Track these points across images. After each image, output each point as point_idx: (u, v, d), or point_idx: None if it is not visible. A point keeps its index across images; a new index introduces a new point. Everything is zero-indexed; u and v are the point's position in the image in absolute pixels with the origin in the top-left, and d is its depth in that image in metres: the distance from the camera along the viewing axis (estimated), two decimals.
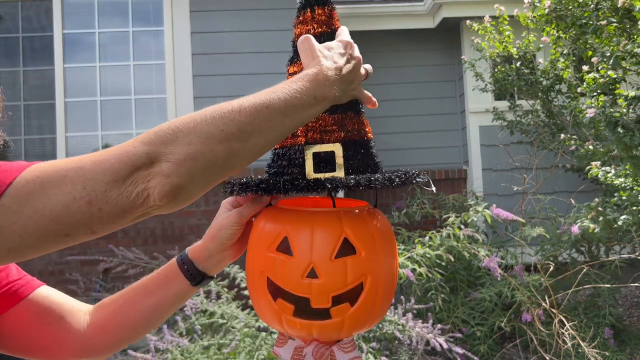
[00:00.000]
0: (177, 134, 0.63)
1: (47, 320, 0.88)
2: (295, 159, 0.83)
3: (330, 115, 0.83)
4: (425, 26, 5.95)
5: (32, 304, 0.90)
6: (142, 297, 0.91)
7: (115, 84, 4.98)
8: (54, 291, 0.95)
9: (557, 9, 3.59)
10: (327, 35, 0.86)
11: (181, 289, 0.90)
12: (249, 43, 4.92)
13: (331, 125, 0.83)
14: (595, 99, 3.15)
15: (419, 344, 2.93)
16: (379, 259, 0.82)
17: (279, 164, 0.85)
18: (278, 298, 0.81)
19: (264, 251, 0.83)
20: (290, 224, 0.82)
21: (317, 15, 0.87)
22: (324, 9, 0.87)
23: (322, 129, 0.83)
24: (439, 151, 6.15)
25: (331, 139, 0.82)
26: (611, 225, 3.46)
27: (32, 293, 0.91)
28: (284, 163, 0.84)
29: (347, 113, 0.85)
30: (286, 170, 0.84)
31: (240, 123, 0.66)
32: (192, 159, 0.63)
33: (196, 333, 2.91)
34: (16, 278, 0.92)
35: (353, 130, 0.85)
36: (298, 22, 0.89)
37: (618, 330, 3.66)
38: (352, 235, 0.80)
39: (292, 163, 0.83)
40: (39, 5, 4.94)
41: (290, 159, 0.84)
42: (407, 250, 3.40)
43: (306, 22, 0.87)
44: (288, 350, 0.87)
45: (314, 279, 0.78)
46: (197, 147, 0.63)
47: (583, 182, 5.14)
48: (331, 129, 0.83)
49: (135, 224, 4.66)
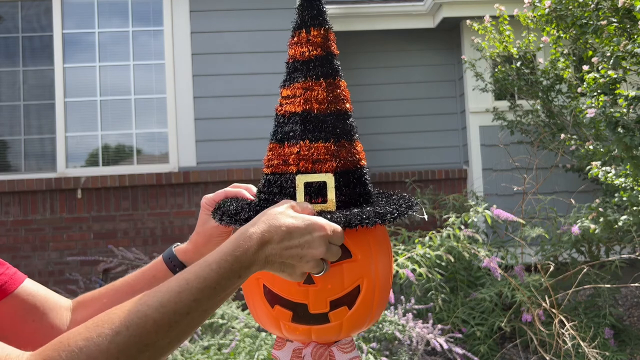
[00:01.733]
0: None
1: (30, 317, 0.87)
2: (287, 187, 0.81)
3: (323, 143, 0.81)
4: (425, 26, 5.95)
5: (17, 300, 0.88)
6: (128, 296, 0.88)
7: (115, 84, 4.98)
8: (37, 285, 0.93)
9: (557, 9, 3.58)
10: (322, 58, 0.83)
11: None
12: (249, 43, 4.91)
13: (324, 155, 0.80)
14: (596, 99, 3.15)
15: (419, 344, 2.93)
16: (375, 261, 0.82)
17: (269, 190, 0.83)
18: (275, 305, 0.81)
19: None
20: None
21: (313, 37, 0.83)
22: (319, 30, 0.83)
23: (315, 159, 0.80)
24: (439, 151, 6.15)
25: (323, 169, 0.80)
26: (611, 226, 3.45)
27: (17, 288, 0.89)
28: (275, 190, 0.82)
29: (340, 141, 0.82)
30: (276, 197, 0.82)
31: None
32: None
33: (196, 333, 2.91)
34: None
35: (346, 159, 0.82)
36: (292, 42, 0.85)
37: (618, 330, 3.66)
38: (348, 239, 0.79)
39: (283, 192, 0.81)
40: (38, 5, 4.93)
41: (281, 187, 0.82)
42: (407, 251, 3.40)
43: (301, 43, 0.84)
44: (287, 352, 0.87)
45: (311, 285, 0.78)
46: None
47: (583, 182, 5.14)
48: (324, 159, 0.80)
49: (135, 224, 4.67)
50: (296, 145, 0.81)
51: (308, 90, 0.82)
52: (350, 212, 0.77)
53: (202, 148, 4.80)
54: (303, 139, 0.81)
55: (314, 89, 0.82)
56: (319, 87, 0.82)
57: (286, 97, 0.84)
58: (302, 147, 0.80)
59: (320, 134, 0.81)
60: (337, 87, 0.84)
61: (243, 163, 4.75)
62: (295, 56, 0.84)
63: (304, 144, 0.81)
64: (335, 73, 0.84)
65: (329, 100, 0.82)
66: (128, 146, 4.95)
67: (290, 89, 0.84)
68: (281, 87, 0.86)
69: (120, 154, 4.96)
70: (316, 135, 0.81)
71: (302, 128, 0.81)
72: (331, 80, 0.83)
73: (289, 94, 0.84)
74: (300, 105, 0.82)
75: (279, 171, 0.82)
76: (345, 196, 0.81)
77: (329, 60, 0.83)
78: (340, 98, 0.84)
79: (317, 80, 0.82)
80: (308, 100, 0.82)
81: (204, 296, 0.66)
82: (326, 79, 0.83)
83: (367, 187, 0.85)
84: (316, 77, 0.82)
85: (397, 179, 5.84)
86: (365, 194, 0.84)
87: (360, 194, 0.83)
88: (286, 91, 0.85)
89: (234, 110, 4.84)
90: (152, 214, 4.68)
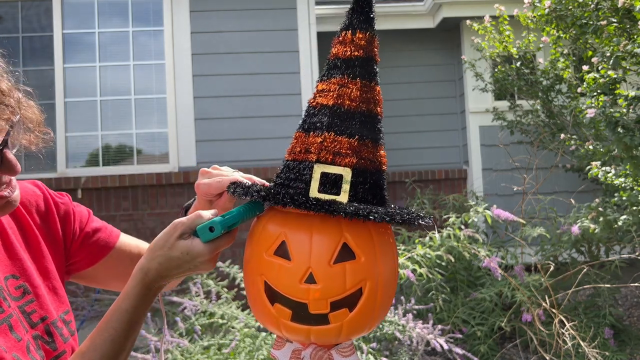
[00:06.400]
0: None
1: (132, 264, 0.95)
2: (304, 174, 0.82)
3: (347, 139, 0.82)
4: (425, 26, 5.95)
5: (120, 253, 1.07)
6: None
7: (115, 84, 4.98)
8: (128, 237, 1.12)
9: (557, 9, 3.58)
10: (362, 60, 0.85)
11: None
12: (249, 43, 4.91)
13: (346, 149, 0.81)
14: (596, 99, 3.15)
15: (419, 344, 2.93)
16: (379, 264, 0.81)
17: (287, 175, 0.85)
18: (276, 302, 0.81)
19: (261, 254, 0.82)
20: (289, 228, 0.81)
21: (357, 39, 0.85)
22: (365, 34, 0.85)
23: (336, 151, 0.81)
24: (439, 151, 6.15)
25: (342, 163, 0.81)
26: (611, 226, 3.46)
27: (118, 242, 1.08)
28: (292, 176, 0.84)
29: (365, 140, 0.83)
30: (292, 183, 0.83)
31: None
32: None
33: (196, 333, 2.90)
34: (99, 226, 1.07)
35: (367, 159, 0.83)
36: (337, 41, 0.87)
37: (618, 330, 3.66)
38: (352, 240, 0.79)
39: (300, 178, 0.82)
40: (38, 5, 4.93)
41: (299, 173, 0.83)
42: (408, 251, 3.40)
43: (345, 43, 0.86)
44: (286, 353, 0.87)
45: (312, 285, 0.78)
46: None
47: (583, 182, 5.14)
48: (345, 153, 0.81)
49: (135, 224, 4.67)
50: (321, 135, 0.82)
51: (343, 87, 0.83)
52: (360, 205, 0.78)
53: (202, 148, 4.80)
54: (328, 131, 0.82)
55: (349, 87, 0.83)
56: (354, 86, 0.83)
57: (321, 90, 0.86)
58: (327, 138, 0.82)
59: (347, 129, 0.82)
60: (372, 90, 0.85)
61: (243, 163, 4.75)
62: (337, 54, 0.86)
63: (329, 135, 0.82)
64: (372, 76, 0.85)
65: (361, 99, 0.83)
66: (128, 146, 4.95)
67: (326, 83, 0.85)
68: (318, 81, 0.88)
69: (120, 154, 4.97)
70: (342, 130, 0.82)
71: (330, 120, 0.82)
72: (367, 82, 0.84)
73: (324, 88, 0.85)
74: (332, 99, 0.83)
75: (300, 158, 0.83)
76: (360, 193, 0.82)
77: (368, 63, 0.85)
78: (373, 100, 0.85)
79: (354, 79, 0.83)
80: (341, 96, 0.83)
81: (130, 329, 0.84)
82: (362, 80, 0.84)
83: (383, 191, 0.86)
84: (353, 76, 0.84)
85: (397, 179, 5.84)
86: (380, 197, 0.85)
87: (375, 196, 0.84)
88: (322, 85, 0.86)
89: (234, 110, 4.84)
90: (152, 214, 4.68)
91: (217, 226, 0.81)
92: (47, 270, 0.97)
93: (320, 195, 0.79)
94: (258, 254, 0.83)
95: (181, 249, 0.82)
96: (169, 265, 0.82)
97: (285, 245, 0.80)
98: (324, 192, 0.80)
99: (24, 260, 0.93)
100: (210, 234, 0.81)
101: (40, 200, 1.01)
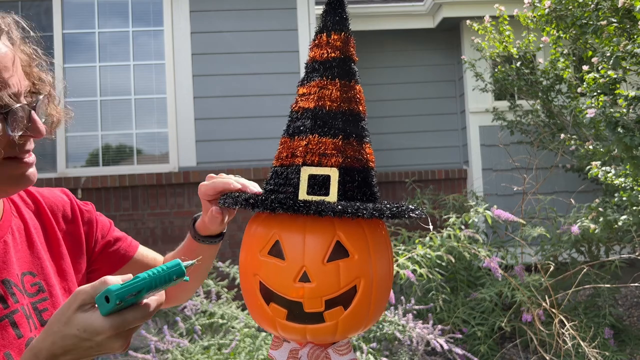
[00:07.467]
0: None
1: None
2: (292, 178, 0.83)
3: (331, 139, 0.83)
4: (425, 26, 5.95)
5: (138, 264, 1.11)
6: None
7: (115, 84, 4.98)
8: (147, 250, 1.16)
9: (557, 9, 3.58)
10: (339, 60, 0.85)
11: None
12: (249, 43, 4.91)
13: (331, 150, 0.82)
14: (595, 99, 3.15)
15: (419, 344, 2.93)
16: (373, 262, 0.82)
17: (275, 181, 0.86)
18: (271, 302, 0.82)
19: (255, 254, 0.83)
20: (282, 227, 0.82)
21: (333, 40, 0.86)
22: (340, 35, 0.87)
23: (321, 152, 0.82)
24: (439, 151, 6.15)
25: (329, 163, 0.82)
26: (611, 226, 3.46)
27: (135, 253, 1.12)
28: (280, 181, 0.85)
29: (349, 139, 0.84)
30: (281, 188, 0.84)
31: None
32: None
33: (196, 333, 2.91)
34: (120, 236, 1.11)
35: (353, 157, 0.84)
36: (313, 45, 0.89)
37: (618, 330, 3.66)
38: (345, 239, 0.80)
39: (288, 182, 0.83)
40: (39, 5, 4.93)
41: (287, 178, 0.84)
42: (408, 251, 3.40)
43: (321, 45, 0.87)
44: (283, 352, 0.87)
45: (306, 283, 0.78)
46: None
47: (583, 182, 5.14)
48: (330, 153, 0.82)
49: (135, 224, 4.67)
50: (305, 138, 0.83)
51: (322, 89, 0.84)
52: (348, 203, 0.78)
53: (202, 148, 4.80)
54: (312, 133, 0.83)
55: (329, 88, 0.84)
56: (334, 87, 0.84)
57: (302, 94, 0.87)
58: (311, 141, 0.83)
59: (330, 130, 0.83)
60: (352, 89, 0.86)
61: (243, 163, 4.75)
62: (314, 57, 0.87)
63: (313, 137, 0.83)
64: (351, 76, 0.86)
65: (342, 99, 0.84)
66: (128, 146, 4.95)
67: (307, 87, 0.87)
68: (298, 85, 0.89)
69: (120, 154, 4.97)
70: (325, 131, 0.83)
71: (313, 123, 0.83)
72: (346, 82, 0.85)
73: (304, 92, 0.87)
74: (313, 101, 0.84)
75: (287, 163, 0.85)
76: (349, 192, 0.82)
77: (346, 63, 0.86)
78: (354, 99, 0.86)
79: (333, 80, 0.84)
80: (321, 98, 0.84)
81: None
82: (341, 80, 0.85)
83: (373, 188, 0.86)
84: (332, 77, 0.85)
85: (397, 179, 5.84)
86: (370, 194, 0.85)
87: (364, 194, 0.84)
88: (302, 89, 0.87)
89: (234, 110, 4.84)
90: (152, 214, 4.68)
91: (112, 295, 0.67)
92: (64, 272, 0.99)
93: (309, 197, 0.80)
94: (252, 254, 0.84)
95: (77, 325, 0.69)
96: (63, 344, 0.70)
97: (279, 245, 0.81)
98: (312, 194, 0.81)
99: (43, 259, 0.96)
100: (108, 305, 0.68)
101: (67, 207, 1.05)
